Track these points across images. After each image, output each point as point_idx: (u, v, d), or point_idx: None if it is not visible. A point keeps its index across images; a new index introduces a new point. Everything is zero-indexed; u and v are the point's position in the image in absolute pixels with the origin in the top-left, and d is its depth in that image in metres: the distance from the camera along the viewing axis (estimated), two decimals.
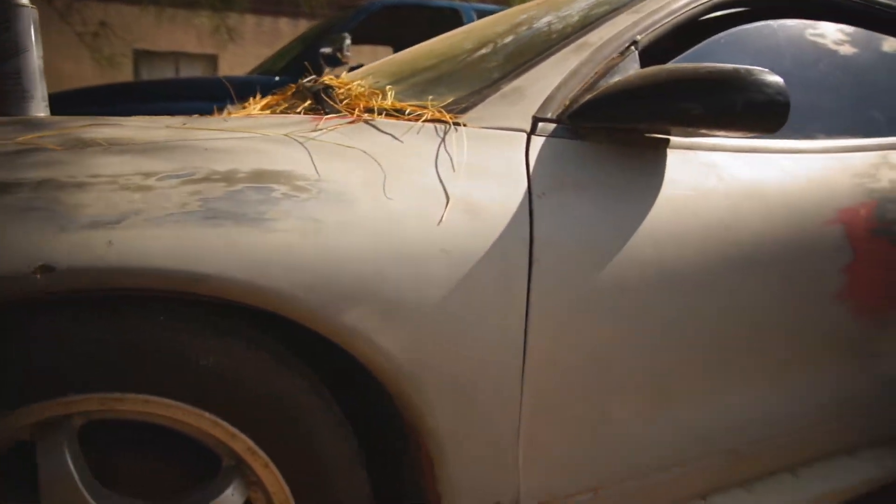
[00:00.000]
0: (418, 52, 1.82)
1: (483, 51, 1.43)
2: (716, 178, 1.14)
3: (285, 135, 0.91)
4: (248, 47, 8.87)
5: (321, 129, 0.93)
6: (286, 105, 1.29)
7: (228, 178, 0.81)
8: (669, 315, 1.05)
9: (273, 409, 0.83)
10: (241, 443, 0.83)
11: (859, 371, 1.39)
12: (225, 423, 0.81)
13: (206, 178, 0.80)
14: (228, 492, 0.84)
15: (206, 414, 0.80)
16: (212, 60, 10.29)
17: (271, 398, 0.83)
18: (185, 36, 9.23)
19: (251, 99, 1.41)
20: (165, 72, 10.06)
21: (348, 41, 3.13)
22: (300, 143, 0.89)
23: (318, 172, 0.85)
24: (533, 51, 1.21)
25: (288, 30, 9.84)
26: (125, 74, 8.27)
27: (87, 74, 7.06)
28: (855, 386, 1.39)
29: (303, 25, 8.54)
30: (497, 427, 0.94)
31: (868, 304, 1.33)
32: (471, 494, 0.95)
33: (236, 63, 9.13)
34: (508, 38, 1.45)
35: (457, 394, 0.89)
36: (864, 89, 1.64)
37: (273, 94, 1.43)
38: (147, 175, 0.79)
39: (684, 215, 1.07)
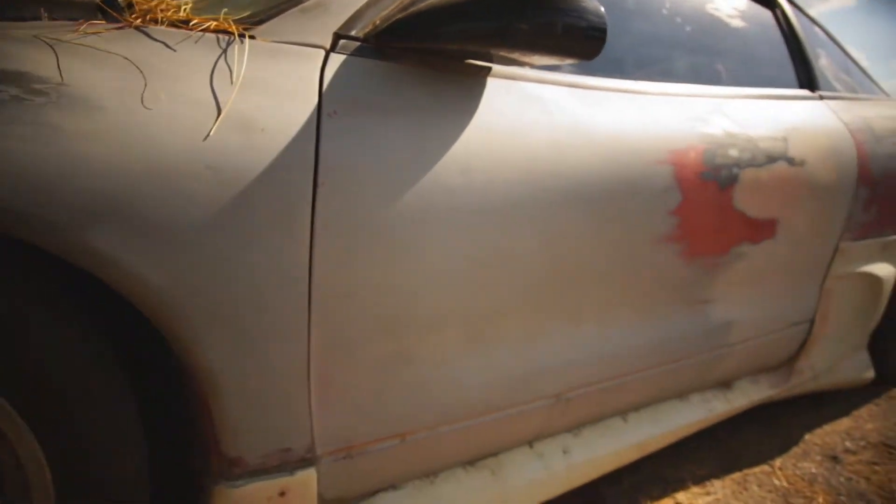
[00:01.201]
0: None
1: None
2: (539, 111, 1.10)
3: (34, 35, 0.79)
4: None
5: (79, 32, 0.82)
6: None
7: None
8: (480, 249, 1.01)
9: (21, 359, 0.73)
10: None
11: (689, 316, 1.40)
12: None
13: None
14: None
15: None
16: None
17: (22, 346, 0.73)
18: None
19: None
20: None
21: None
22: (48, 44, 0.78)
23: (61, 76, 0.74)
24: None
25: None
26: None
27: None
28: (684, 331, 1.40)
29: None
30: (282, 365, 0.86)
31: (697, 249, 1.34)
32: (254, 440, 0.88)
33: None
34: None
35: (232, 327, 0.81)
36: (708, 41, 1.65)
37: None
38: None
39: (500, 145, 1.02)
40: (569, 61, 1.12)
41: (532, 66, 1.13)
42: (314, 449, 0.94)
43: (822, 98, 1.81)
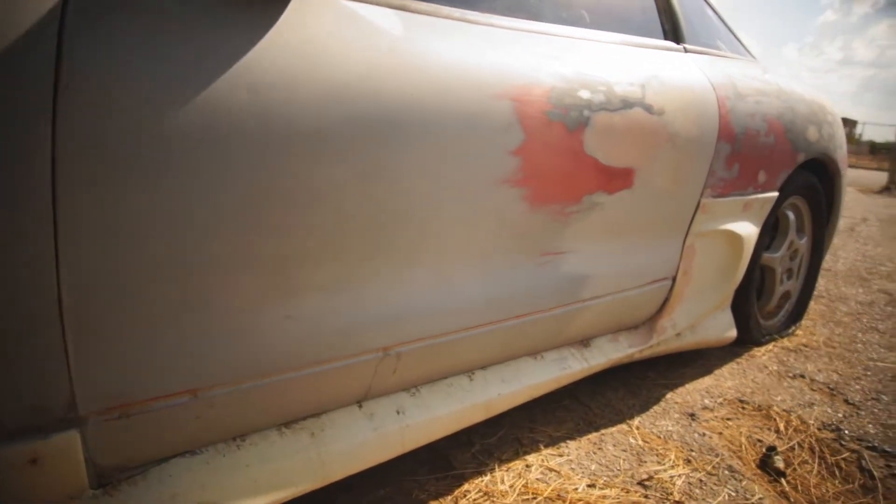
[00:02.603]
0: None
1: None
2: (358, 31, 0.98)
3: None
4: None
5: None
6: None
7: None
8: (279, 180, 0.88)
9: None
10: None
11: (537, 268, 1.33)
12: None
13: None
14: None
15: None
16: None
17: None
18: None
19: None
20: None
21: None
22: None
23: None
24: None
25: None
26: None
27: None
28: (532, 284, 1.32)
29: None
30: (25, 308, 0.71)
31: (544, 195, 1.25)
32: (3, 400, 0.73)
33: None
34: None
35: None
36: None
37: None
38: None
39: (307, 64, 0.89)
40: None
41: None
42: (76, 408, 0.80)
43: (686, 51, 1.77)
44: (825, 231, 2.51)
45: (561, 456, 1.45)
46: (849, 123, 39.98)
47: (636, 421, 1.65)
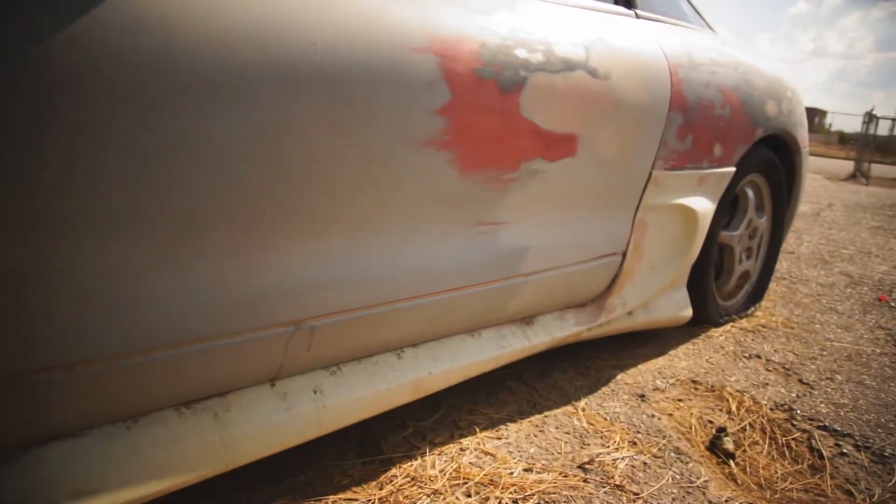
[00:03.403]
0: None
1: None
2: None
3: None
4: None
5: None
6: None
7: None
8: (156, 133, 0.78)
9: None
10: None
11: (470, 239, 1.24)
12: None
13: None
14: None
15: None
16: None
17: None
18: None
19: None
20: None
21: None
22: None
23: None
24: None
25: None
26: None
27: None
28: (464, 256, 1.24)
29: None
30: None
31: (475, 160, 1.17)
32: None
33: None
34: None
35: None
36: None
37: None
38: None
39: (193, 3, 0.80)
40: None
41: None
42: None
43: (638, 17, 1.69)
44: (786, 210, 2.46)
45: (499, 439, 1.37)
46: (818, 113, 40.51)
47: (582, 402, 1.58)
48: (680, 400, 1.66)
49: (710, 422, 1.57)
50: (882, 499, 1.32)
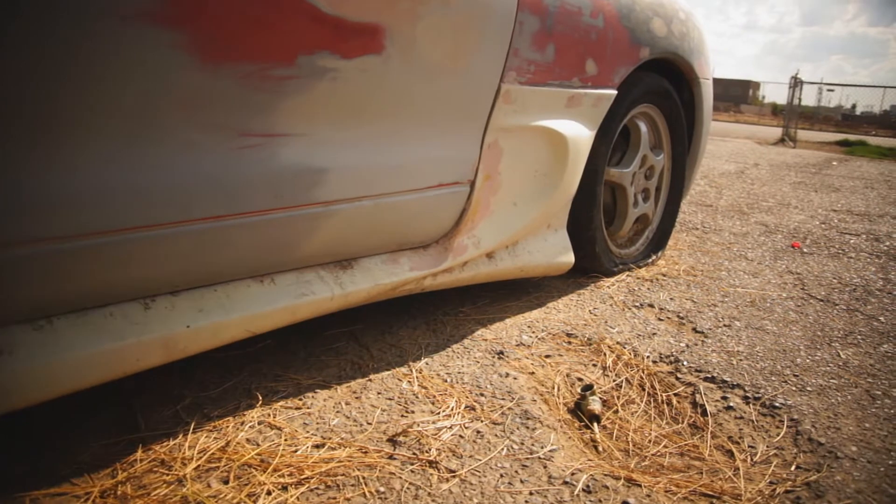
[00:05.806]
0: None
1: None
2: None
3: None
4: None
5: None
6: None
7: None
8: None
9: None
10: None
11: (233, 153, 0.95)
12: None
13: None
14: None
15: None
16: None
17: None
18: None
19: None
20: None
21: None
22: None
23: None
24: None
25: None
26: None
27: None
28: (229, 174, 0.94)
29: None
30: None
31: (220, 49, 0.87)
32: None
33: None
34: None
35: None
36: None
37: None
38: None
39: None
40: None
41: None
42: None
43: None
44: (687, 149, 2.23)
45: (298, 409, 1.09)
46: (752, 85, 41.50)
47: (422, 363, 1.31)
48: (547, 356, 1.40)
49: (580, 379, 1.32)
50: (765, 457, 1.09)
